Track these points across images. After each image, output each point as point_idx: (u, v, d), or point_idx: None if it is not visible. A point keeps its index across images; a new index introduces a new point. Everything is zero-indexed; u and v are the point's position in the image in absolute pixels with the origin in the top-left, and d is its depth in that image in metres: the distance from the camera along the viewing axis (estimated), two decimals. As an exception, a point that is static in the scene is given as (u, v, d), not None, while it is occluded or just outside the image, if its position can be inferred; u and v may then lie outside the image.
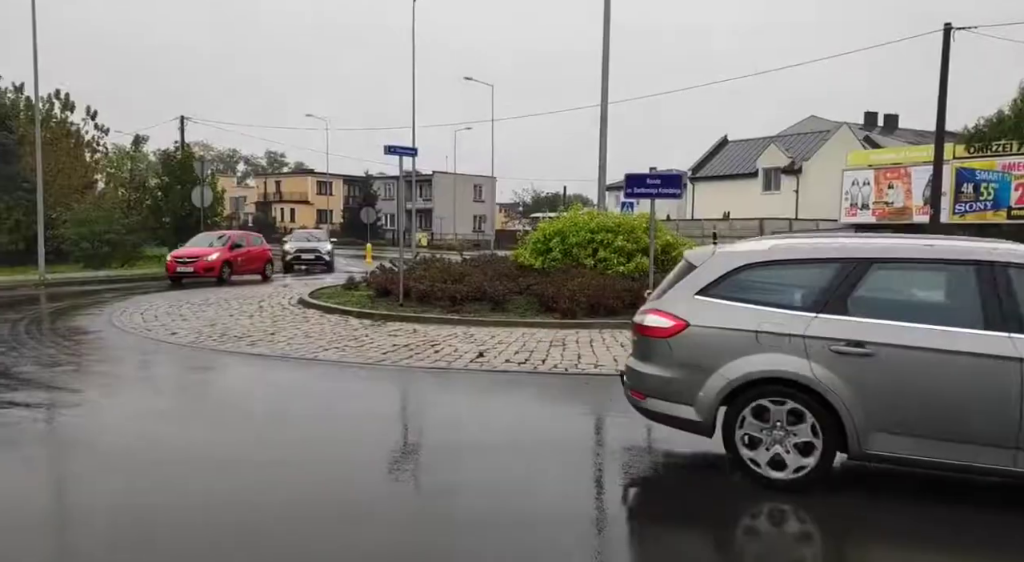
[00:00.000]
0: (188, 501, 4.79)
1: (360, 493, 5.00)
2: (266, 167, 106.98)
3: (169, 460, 5.65)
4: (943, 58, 26.05)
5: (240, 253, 23.47)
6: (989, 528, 4.36)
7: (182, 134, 43.37)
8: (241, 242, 24.25)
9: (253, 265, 23.93)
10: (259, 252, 24.66)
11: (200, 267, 21.76)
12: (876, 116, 51.45)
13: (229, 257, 22.72)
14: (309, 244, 30.03)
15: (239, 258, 23.26)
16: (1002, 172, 27.83)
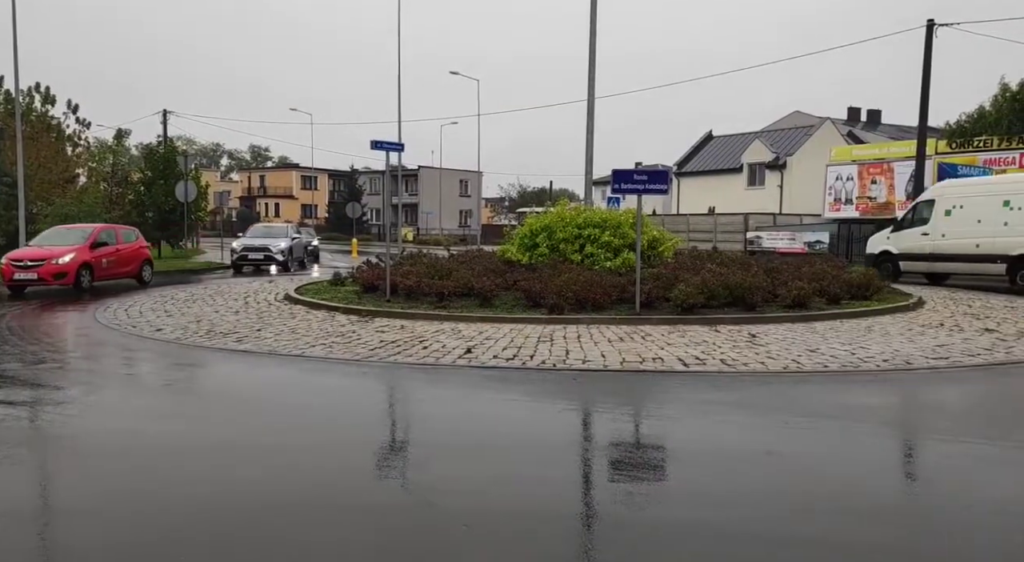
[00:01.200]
0: (174, 499, 4.75)
1: (346, 491, 4.98)
2: (250, 161, 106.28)
3: (152, 458, 5.60)
4: (926, 54, 26.26)
5: (106, 252, 19.17)
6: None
7: (164, 128, 42.97)
8: (107, 238, 19.66)
9: (124, 268, 19.96)
10: (132, 251, 20.45)
11: (47, 273, 17.48)
12: (859, 111, 51.88)
13: (89, 258, 18.41)
14: (258, 241, 26.23)
15: (104, 259, 19.02)
16: (983, 167, 28.08)
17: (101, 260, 18.98)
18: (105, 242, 19.48)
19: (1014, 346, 10.10)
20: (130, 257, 20.30)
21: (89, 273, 18.44)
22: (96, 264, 18.75)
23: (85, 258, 18.34)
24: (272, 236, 26.92)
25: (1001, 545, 4.10)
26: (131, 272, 20.31)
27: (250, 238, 26.67)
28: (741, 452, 5.73)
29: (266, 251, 25.50)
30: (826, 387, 8.05)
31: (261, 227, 29.63)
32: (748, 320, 11.97)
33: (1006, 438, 6.17)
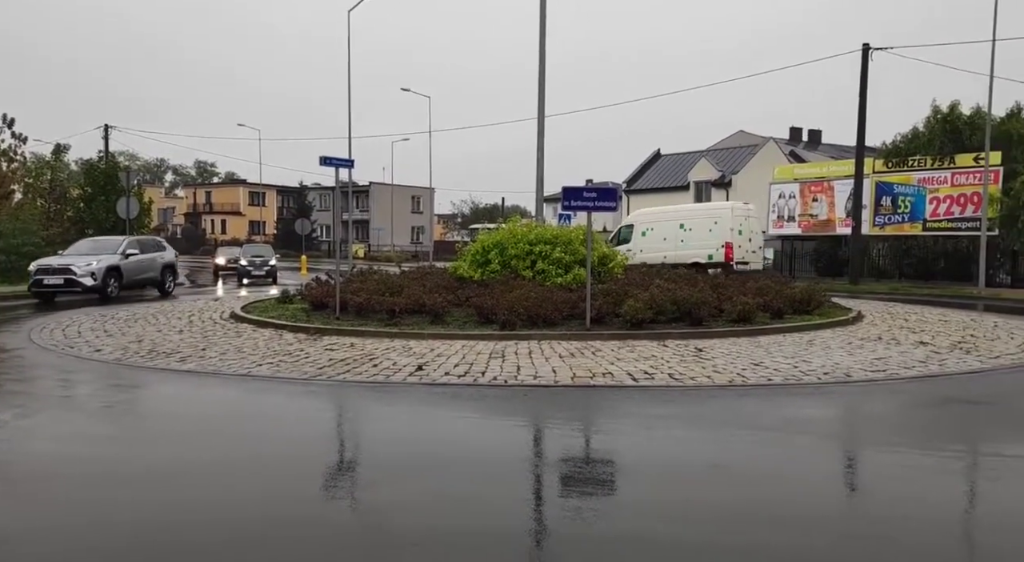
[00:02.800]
0: (109, 526, 4.60)
1: (292, 513, 4.89)
2: (196, 177, 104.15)
3: (88, 483, 5.41)
4: (862, 76, 27.33)
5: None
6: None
7: (106, 143, 41.88)
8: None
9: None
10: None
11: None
12: (801, 131, 53.53)
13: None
14: (66, 260, 20.13)
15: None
16: (918, 186, 29.24)
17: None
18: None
19: (947, 358, 10.49)
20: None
21: None
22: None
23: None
24: (95, 253, 20.88)
25: (936, 552, 4.25)
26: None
27: (61, 258, 20.70)
28: (688, 466, 5.82)
29: (67, 273, 19.51)
30: (770, 400, 8.23)
31: (87, 242, 22.74)
32: (695, 335, 12.18)
33: (942, 449, 6.39)
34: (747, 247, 24.28)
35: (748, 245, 24.33)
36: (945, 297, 22.41)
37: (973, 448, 6.61)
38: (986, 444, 6.70)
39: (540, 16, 19.12)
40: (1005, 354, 10.94)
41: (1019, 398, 8.63)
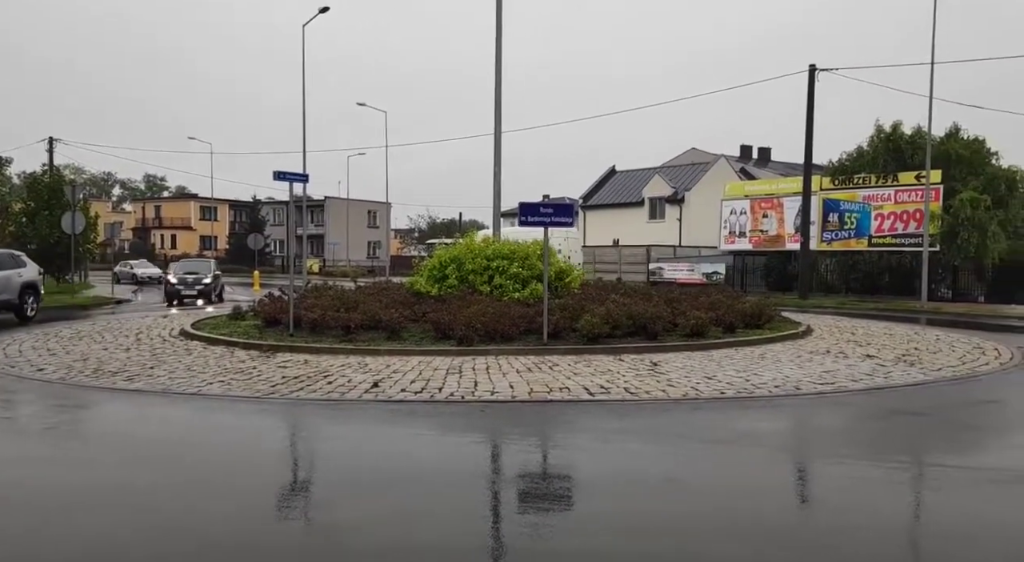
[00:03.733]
0: (53, 552, 4.43)
1: (245, 534, 4.79)
2: (145, 191, 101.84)
3: (29, 507, 5.21)
4: (808, 96, 28.15)
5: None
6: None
7: (51, 156, 40.77)
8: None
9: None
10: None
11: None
12: (751, 149, 54.83)
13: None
14: None
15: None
16: (863, 203, 30.16)
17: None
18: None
19: (892, 371, 10.80)
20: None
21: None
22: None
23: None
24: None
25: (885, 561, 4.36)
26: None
27: None
28: (643, 479, 5.87)
29: None
30: (723, 413, 8.36)
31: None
32: (650, 349, 12.32)
33: (888, 461, 6.56)
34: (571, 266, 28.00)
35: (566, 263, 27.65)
36: (890, 311, 23.10)
37: (918, 459, 6.80)
38: (930, 455, 6.91)
39: (496, 33, 19.27)
40: (947, 366, 11.31)
41: (960, 409, 8.92)
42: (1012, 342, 14.28)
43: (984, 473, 6.14)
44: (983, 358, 12.20)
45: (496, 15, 19.19)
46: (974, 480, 5.93)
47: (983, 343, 13.97)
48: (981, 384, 10.22)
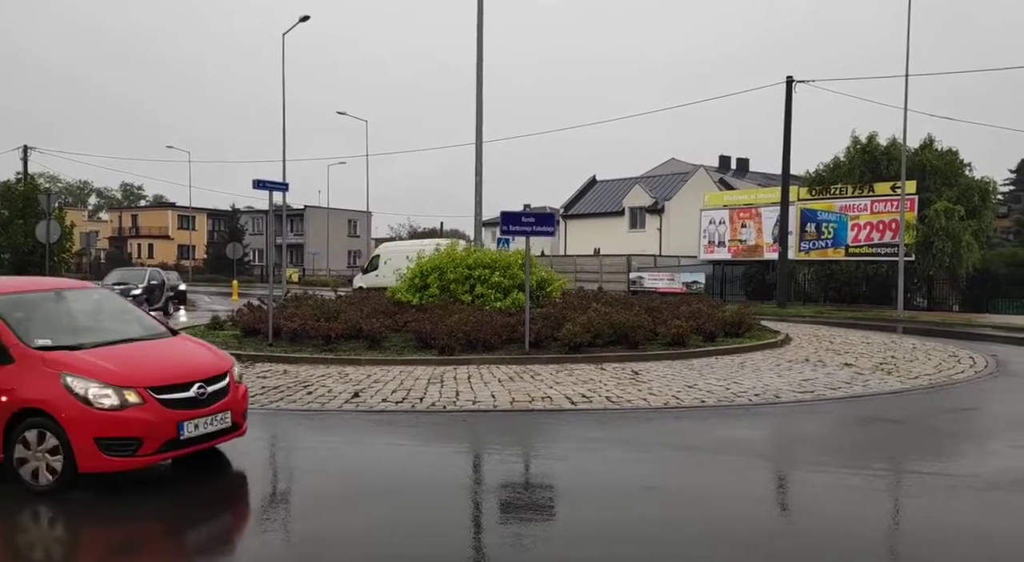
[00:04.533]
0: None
1: (225, 547, 4.73)
2: (121, 200, 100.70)
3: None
4: (786, 107, 28.50)
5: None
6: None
7: (25, 164, 40.25)
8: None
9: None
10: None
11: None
12: (729, 160, 55.34)
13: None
14: None
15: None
16: (840, 213, 30.53)
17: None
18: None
19: (870, 379, 10.92)
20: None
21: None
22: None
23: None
24: None
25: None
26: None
27: None
28: (625, 488, 5.87)
29: None
30: (704, 422, 8.40)
31: None
32: (631, 358, 12.36)
33: (866, 468, 6.62)
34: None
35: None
36: (867, 320, 23.36)
37: (896, 466, 6.87)
38: (907, 462, 6.98)
39: (477, 42, 19.34)
40: (923, 374, 11.46)
41: (936, 417, 9.03)
42: (986, 350, 14.50)
43: (961, 480, 6.21)
44: (959, 366, 12.38)
45: (477, 33, 19.27)
46: (951, 486, 6.01)
47: (958, 351, 14.17)
48: (957, 392, 10.36)
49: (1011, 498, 5.76)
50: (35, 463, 5.46)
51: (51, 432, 5.41)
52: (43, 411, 5.43)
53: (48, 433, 5.42)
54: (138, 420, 5.47)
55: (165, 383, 5.71)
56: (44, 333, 5.98)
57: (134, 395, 5.50)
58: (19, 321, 5.95)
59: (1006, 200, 47.05)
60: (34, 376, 5.54)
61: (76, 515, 5.36)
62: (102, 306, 7.17)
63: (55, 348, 5.79)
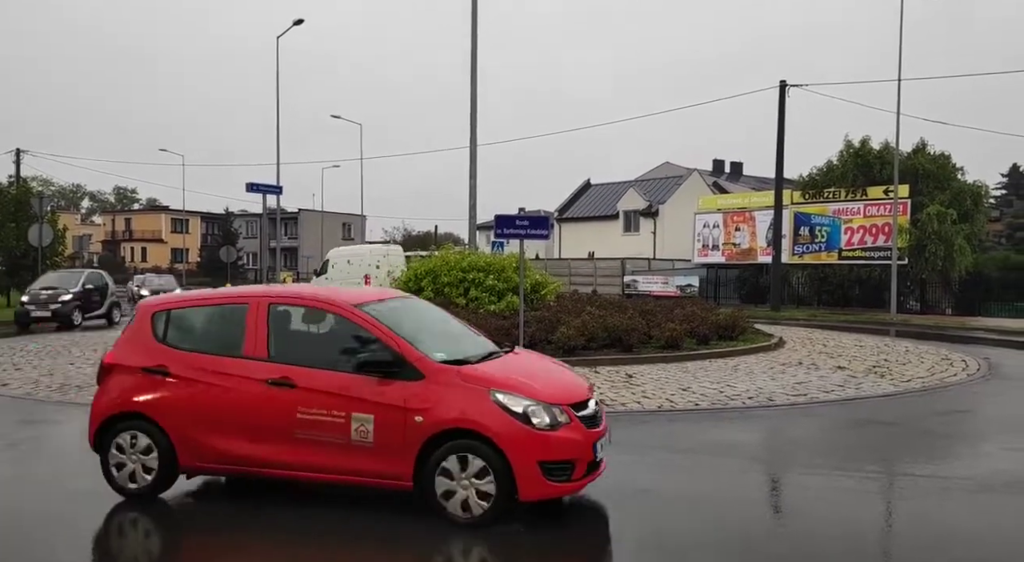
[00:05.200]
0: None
1: (211, 550, 4.70)
2: (115, 203, 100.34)
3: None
4: (780, 111, 28.59)
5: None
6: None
7: (17, 168, 40.12)
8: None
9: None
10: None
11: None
12: (723, 163, 55.49)
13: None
14: None
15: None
16: (833, 217, 30.63)
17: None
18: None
19: (863, 382, 10.95)
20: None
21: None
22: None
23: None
24: None
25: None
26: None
27: None
28: (620, 491, 5.86)
29: None
30: (698, 425, 8.40)
31: None
32: (625, 361, 12.36)
33: (860, 470, 6.63)
34: (385, 278, 32.08)
35: (387, 276, 32.27)
36: (860, 323, 23.44)
37: (889, 469, 6.89)
38: (900, 465, 7.00)
39: (472, 43, 19.35)
40: (916, 377, 11.49)
41: (929, 420, 9.05)
42: (978, 353, 14.55)
43: (954, 482, 6.23)
44: (951, 369, 12.42)
45: (471, 35, 19.28)
46: (944, 489, 6.02)
47: (951, 354, 14.22)
48: (950, 395, 10.39)
49: (1004, 500, 5.78)
50: (463, 492, 4.81)
51: (479, 456, 4.78)
52: (474, 432, 4.81)
53: (472, 457, 4.80)
54: (571, 441, 4.93)
55: (574, 400, 5.16)
56: (431, 345, 5.28)
57: (563, 414, 4.95)
58: (409, 333, 5.31)
59: (998, 204, 47.26)
60: (456, 393, 4.90)
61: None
62: (433, 315, 6.47)
63: (452, 362, 5.16)
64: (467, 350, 5.58)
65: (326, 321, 5.65)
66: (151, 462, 5.38)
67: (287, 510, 5.38)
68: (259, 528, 5.15)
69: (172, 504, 5.58)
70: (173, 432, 5.32)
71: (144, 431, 5.39)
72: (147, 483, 5.40)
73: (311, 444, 5.04)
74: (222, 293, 6.26)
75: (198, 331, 5.76)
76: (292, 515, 5.25)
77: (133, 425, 5.43)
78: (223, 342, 5.53)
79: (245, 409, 5.19)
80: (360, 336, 5.23)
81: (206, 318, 5.85)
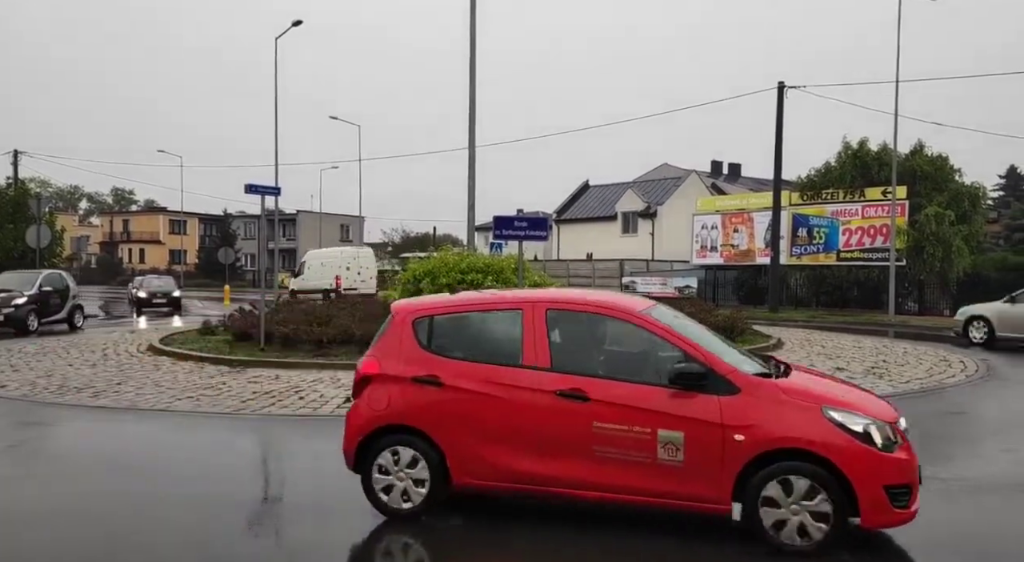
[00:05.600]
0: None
1: (216, 554, 4.69)
2: (112, 205, 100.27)
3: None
4: (778, 112, 28.62)
5: None
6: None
7: (15, 169, 40.07)
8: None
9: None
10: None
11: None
12: (721, 165, 55.53)
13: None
14: None
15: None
16: (831, 218, 30.66)
17: None
18: None
19: (861, 383, 10.88)
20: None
21: None
22: None
23: None
24: None
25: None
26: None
27: None
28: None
29: None
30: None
31: None
32: (624, 363, 12.32)
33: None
34: (356, 279, 34.18)
35: (357, 277, 34.32)
36: (858, 324, 23.45)
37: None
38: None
39: (470, 46, 19.34)
40: (914, 378, 11.49)
41: (927, 421, 9.04)
42: (976, 355, 14.57)
43: (952, 483, 6.23)
44: (949, 370, 12.42)
45: (470, 35, 19.27)
46: (943, 490, 6.01)
47: (949, 356, 14.23)
48: (948, 396, 10.40)
49: (1001, 500, 5.77)
50: (796, 517, 4.45)
51: (805, 475, 4.42)
52: (806, 452, 4.43)
53: (796, 478, 4.43)
54: (907, 463, 4.57)
55: (893, 418, 4.79)
56: (727, 357, 4.96)
57: (894, 433, 4.61)
58: (704, 343, 5.01)
59: (996, 205, 47.29)
60: (782, 410, 4.53)
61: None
62: (693, 324, 5.88)
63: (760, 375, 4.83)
64: (751, 363, 5.16)
65: (611, 328, 5.23)
66: (420, 477, 5.02)
67: (522, 524, 5.10)
68: (499, 543, 4.92)
69: (402, 521, 5.17)
70: (447, 447, 4.97)
71: (410, 445, 5.04)
72: (421, 500, 5.02)
73: (610, 462, 4.68)
74: (488, 298, 5.81)
75: (467, 338, 5.39)
76: (529, 530, 4.99)
77: (397, 439, 5.09)
78: (497, 350, 5.19)
79: (532, 423, 4.81)
80: (655, 344, 4.89)
81: (474, 324, 5.48)
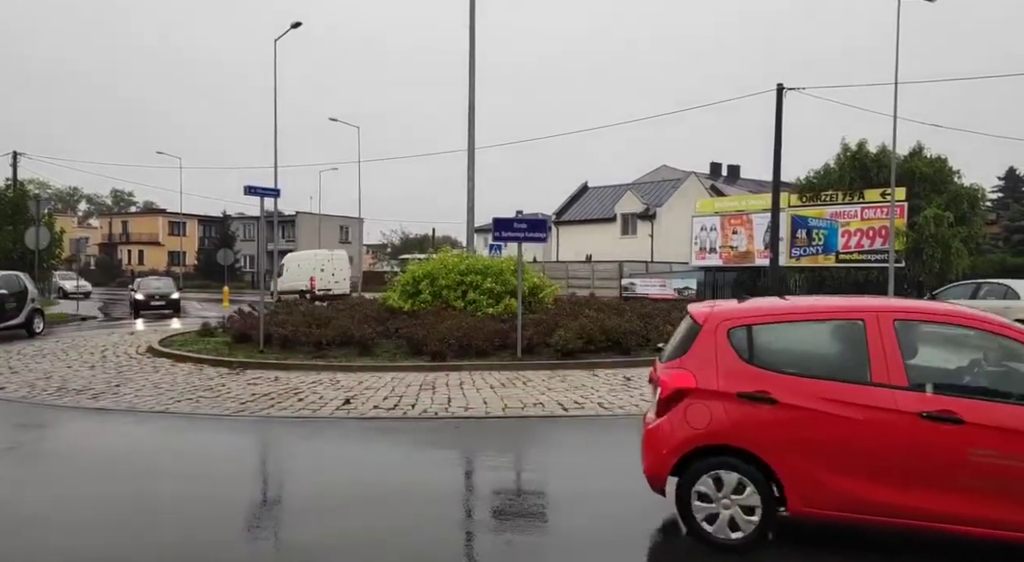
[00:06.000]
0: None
1: (209, 553, 4.67)
2: (111, 206, 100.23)
3: (-8, 532, 5.05)
4: (776, 114, 28.61)
5: None
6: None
7: (14, 170, 40.03)
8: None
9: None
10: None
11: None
12: (720, 166, 55.53)
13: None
14: None
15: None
16: (830, 220, 30.67)
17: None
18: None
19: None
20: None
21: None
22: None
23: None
24: None
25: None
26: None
27: None
28: (619, 494, 5.85)
29: None
30: (697, 427, 8.36)
31: None
32: (624, 364, 12.34)
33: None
34: (329, 280, 36.06)
35: (331, 278, 36.14)
36: (858, 325, 23.41)
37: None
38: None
39: (470, 48, 19.36)
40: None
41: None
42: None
43: None
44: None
45: (470, 36, 19.29)
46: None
47: (949, 357, 14.21)
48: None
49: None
50: None
51: None
52: None
53: None
54: None
55: None
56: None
57: None
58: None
59: (995, 207, 47.29)
60: None
61: None
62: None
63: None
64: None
65: (973, 340, 4.78)
66: (748, 504, 4.54)
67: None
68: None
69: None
70: (785, 471, 4.48)
71: (734, 468, 4.58)
72: (753, 529, 4.53)
73: (990, 494, 4.28)
74: (818, 307, 5.24)
75: (797, 351, 4.92)
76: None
77: (719, 462, 4.62)
78: (836, 365, 4.73)
79: (890, 448, 4.35)
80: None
81: (804, 335, 5.00)
